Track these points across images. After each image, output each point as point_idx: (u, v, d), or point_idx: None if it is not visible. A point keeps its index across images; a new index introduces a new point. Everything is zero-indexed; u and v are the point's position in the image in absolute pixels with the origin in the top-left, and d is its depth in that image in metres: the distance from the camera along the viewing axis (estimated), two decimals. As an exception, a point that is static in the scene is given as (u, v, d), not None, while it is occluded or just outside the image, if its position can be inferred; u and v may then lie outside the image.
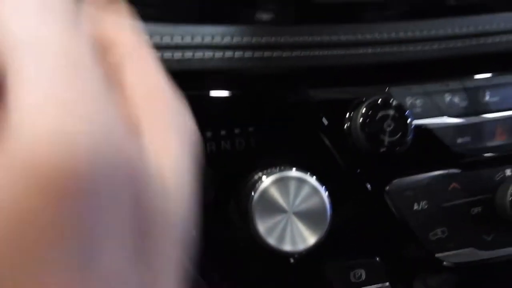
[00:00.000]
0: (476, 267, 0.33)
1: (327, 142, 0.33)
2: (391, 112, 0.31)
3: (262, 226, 0.27)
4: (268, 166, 0.30)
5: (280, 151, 0.32)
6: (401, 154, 0.32)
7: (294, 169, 0.29)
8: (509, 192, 0.33)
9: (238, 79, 0.33)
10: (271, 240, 0.26)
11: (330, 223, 0.27)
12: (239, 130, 0.32)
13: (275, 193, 0.28)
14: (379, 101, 0.32)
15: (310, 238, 0.26)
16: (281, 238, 0.26)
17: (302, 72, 0.33)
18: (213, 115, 0.32)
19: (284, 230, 0.26)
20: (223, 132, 0.32)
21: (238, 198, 0.29)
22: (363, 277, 0.31)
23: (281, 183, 0.28)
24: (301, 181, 0.28)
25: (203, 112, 0.32)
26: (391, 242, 0.32)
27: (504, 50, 0.35)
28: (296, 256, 0.27)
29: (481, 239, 0.33)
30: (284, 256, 0.27)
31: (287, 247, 0.26)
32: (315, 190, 0.28)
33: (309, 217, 0.27)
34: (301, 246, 0.26)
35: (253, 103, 0.33)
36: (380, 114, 0.31)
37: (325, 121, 0.33)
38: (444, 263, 0.32)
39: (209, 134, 0.32)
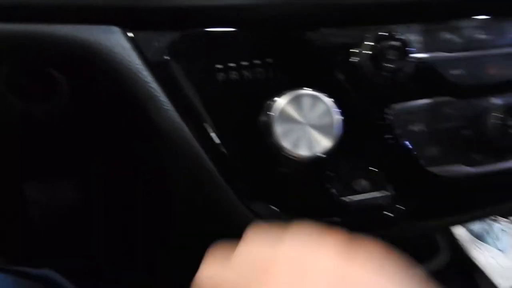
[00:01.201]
0: (465, 181, 0.38)
1: (339, 73, 0.37)
2: (394, 43, 0.35)
3: (281, 136, 0.32)
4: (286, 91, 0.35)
5: (295, 80, 0.37)
6: (402, 82, 0.36)
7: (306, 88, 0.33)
8: (492, 116, 0.37)
9: (255, 17, 0.37)
10: (287, 145, 0.31)
11: (341, 130, 0.32)
12: (259, 62, 0.37)
13: (291, 110, 0.32)
14: (384, 34, 0.36)
15: (325, 143, 0.31)
16: (296, 143, 0.31)
17: (317, 11, 0.37)
18: (238, 48, 0.36)
19: (300, 137, 0.31)
20: (244, 63, 0.36)
21: (263, 117, 0.34)
22: (367, 186, 0.36)
23: (296, 100, 0.33)
24: (314, 97, 0.32)
25: (230, 45, 0.36)
26: (391, 157, 0.37)
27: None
28: (310, 161, 0.32)
29: (470, 157, 0.38)
30: (301, 160, 0.32)
31: (303, 151, 0.31)
32: (326, 105, 0.32)
33: (322, 126, 0.32)
34: (317, 149, 0.31)
35: (272, 38, 0.37)
36: (385, 45, 0.35)
37: (336, 55, 0.37)
38: (435, 175, 0.37)
39: (232, 65, 0.36)
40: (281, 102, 0.33)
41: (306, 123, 0.32)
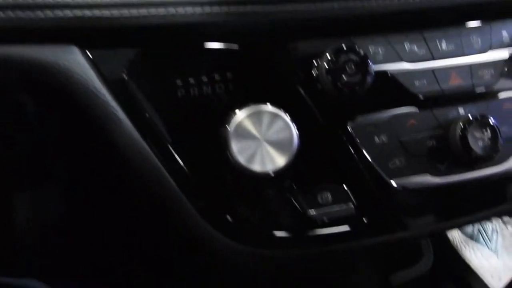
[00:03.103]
0: (430, 192, 0.38)
1: (299, 86, 0.37)
2: (353, 56, 0.35)
3: (236, 149, 0.31)
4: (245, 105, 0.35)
5: (256, 94, 0.37)
6: (364, 94, 0.36)
7: (268, 104, 0.33)
8: (458, 127, 0.37)
9: (213, 32, 0.37)
10: (242, 160, 0.31)
11: (297, 149, 0.32)
12: (219, 77, 0.37)
13: (249, 125, 0.32)
14: (342, 47, 0.36)
15: (279, 160, 0.31)
16: (251, 159, 0.31)
17: (277, 24, 0.37)
18: (197, 64, 0.36)
19: (254, 153, 0.31)
20: (204, 79, 0.36)
21: (221, 130, 0.34)
22: (330, 199, 0.36)
23: (255, 116, 0.32)
24: (274, 115, 0.32)
25: (189, 61, 0.36)
26: (354, 171, 0.37)
27: (458, 5, 0.39)
28: (267, 177, 0.32)
29: (435, 167, 0.38)
30: (255, 176, 0.32)
31: (256, 167, 0.31)
32: (285, 123, 0.32)
33: (278, 144, 0.32)
34: (269, 167, 0.31)
35: (231, 53, 0.37)
36: (342, 59, 0.35)
37: (296, 68, 0.37)
38: (399, 186, 0.37)
39: (192, 81, 0.36)
40: (239, 116, 0.33)
41: (262, 139, 0.32)
